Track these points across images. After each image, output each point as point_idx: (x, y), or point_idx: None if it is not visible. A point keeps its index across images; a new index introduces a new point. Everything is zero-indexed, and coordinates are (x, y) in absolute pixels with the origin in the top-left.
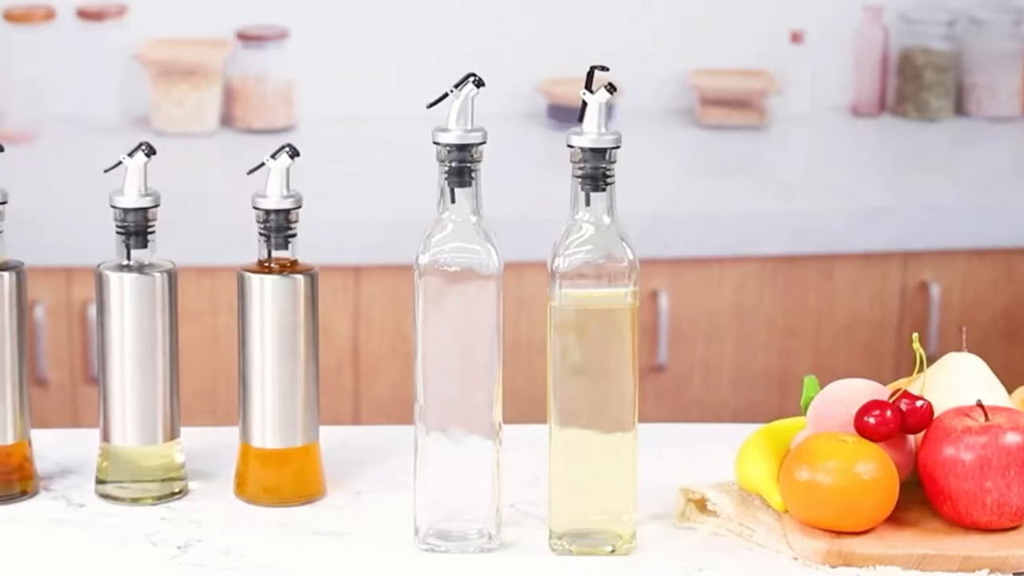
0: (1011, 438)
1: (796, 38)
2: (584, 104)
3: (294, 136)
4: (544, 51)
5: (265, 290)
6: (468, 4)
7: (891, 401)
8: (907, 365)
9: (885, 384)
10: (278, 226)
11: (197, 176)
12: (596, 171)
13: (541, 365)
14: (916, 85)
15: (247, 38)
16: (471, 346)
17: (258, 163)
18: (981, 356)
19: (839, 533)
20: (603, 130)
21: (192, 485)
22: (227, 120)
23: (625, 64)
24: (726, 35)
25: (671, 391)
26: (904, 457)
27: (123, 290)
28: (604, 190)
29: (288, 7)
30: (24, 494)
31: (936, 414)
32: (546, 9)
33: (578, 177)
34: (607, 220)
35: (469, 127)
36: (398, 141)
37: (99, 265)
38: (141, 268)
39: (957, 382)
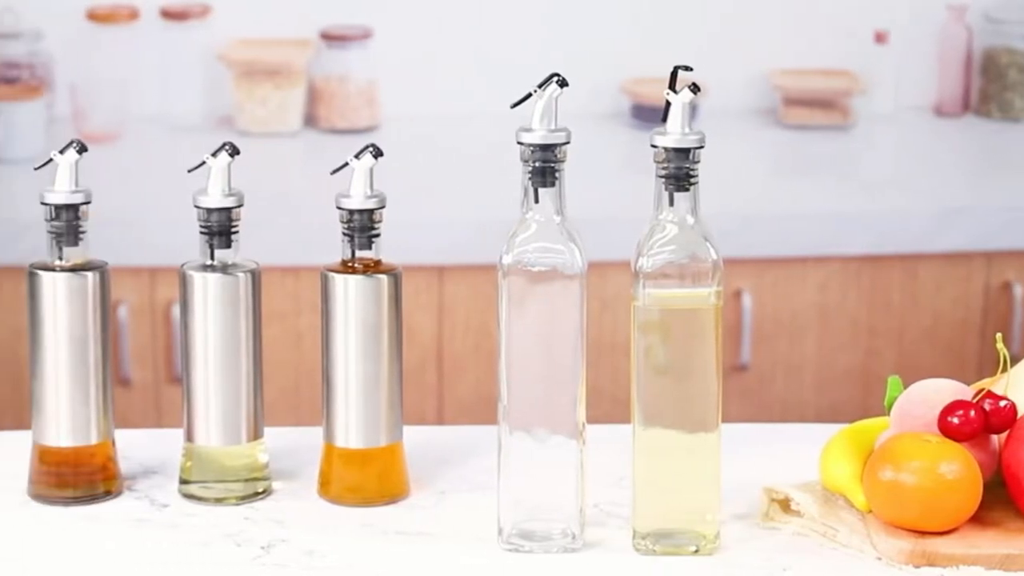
0: None
1: (880, 38)
2: (668, 104)
3: (377, 136)
4: (628, 51)
5: (349, 290)
6: (551, 3)
7: (975, 401)
8: (990, 365)
9: (969, 384)
10: (362, 226)
11: (280, 176)
12: (680, 171)
13: (625, 365)
14: (1000, 85)
15: (330, 38)
16: (555, 346)
17: (342, 163)
18: None
19: (923, 533)
20: (687, 130)
21: (276, 485)
22: (310, 120)
23: (709, 64)
24: (810, 35)
25: (754, 391)
26: (988, 457)
27: (207, 290)
28: (688, 190)
29: (371, 7)
30: (108, 494)
31: (1020, 414)
32: (630, 9)
33: (662, 177)
34: (691, 220)
35: (553, 127)
36: (481, 141)
37: (183, 265)
38: (225, 268)
39: None
